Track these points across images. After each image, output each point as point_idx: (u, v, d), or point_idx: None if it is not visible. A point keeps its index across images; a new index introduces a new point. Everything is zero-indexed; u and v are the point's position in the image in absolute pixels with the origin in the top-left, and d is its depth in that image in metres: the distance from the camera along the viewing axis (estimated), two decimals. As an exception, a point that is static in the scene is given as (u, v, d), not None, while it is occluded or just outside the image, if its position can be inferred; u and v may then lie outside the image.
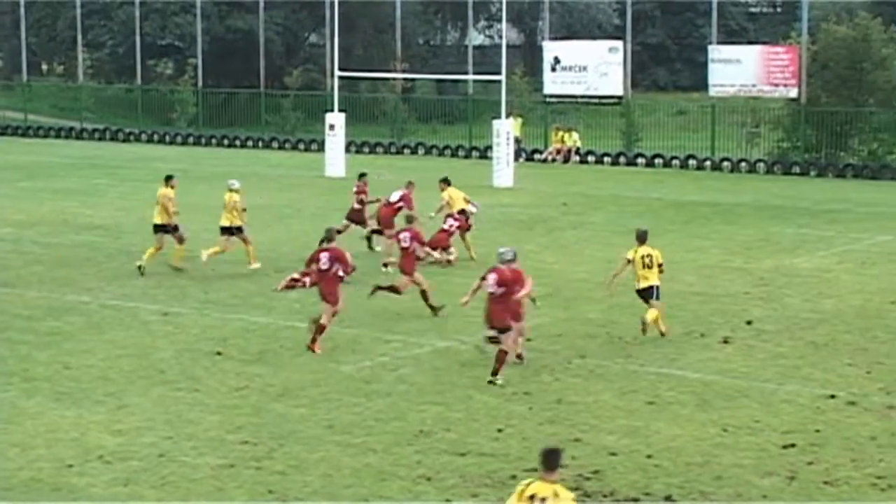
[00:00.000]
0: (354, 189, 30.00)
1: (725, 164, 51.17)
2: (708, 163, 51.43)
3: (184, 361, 19.78)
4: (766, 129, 53.81)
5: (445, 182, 30.17)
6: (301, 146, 59.10)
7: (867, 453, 15.66)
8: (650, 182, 46.08)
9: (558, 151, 53.38)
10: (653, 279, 21.66)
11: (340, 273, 20.82)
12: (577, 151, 53.54)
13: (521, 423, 16.67)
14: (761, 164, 50.62)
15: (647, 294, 21.61)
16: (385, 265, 27.15)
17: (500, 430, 16.36)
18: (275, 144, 59.92)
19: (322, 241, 21.49)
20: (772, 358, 20.30)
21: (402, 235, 23.92)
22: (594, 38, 67.84)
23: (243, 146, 60.43)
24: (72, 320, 22.61)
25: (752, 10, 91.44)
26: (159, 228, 27.50)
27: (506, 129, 44.97)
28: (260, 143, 60.05)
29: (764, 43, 58.94)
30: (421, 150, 56.35)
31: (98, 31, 75.45)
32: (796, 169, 49.65)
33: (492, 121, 46.56)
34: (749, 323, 22.66)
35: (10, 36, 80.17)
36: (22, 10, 71.22)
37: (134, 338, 21.35)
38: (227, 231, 27.58)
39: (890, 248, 31.25)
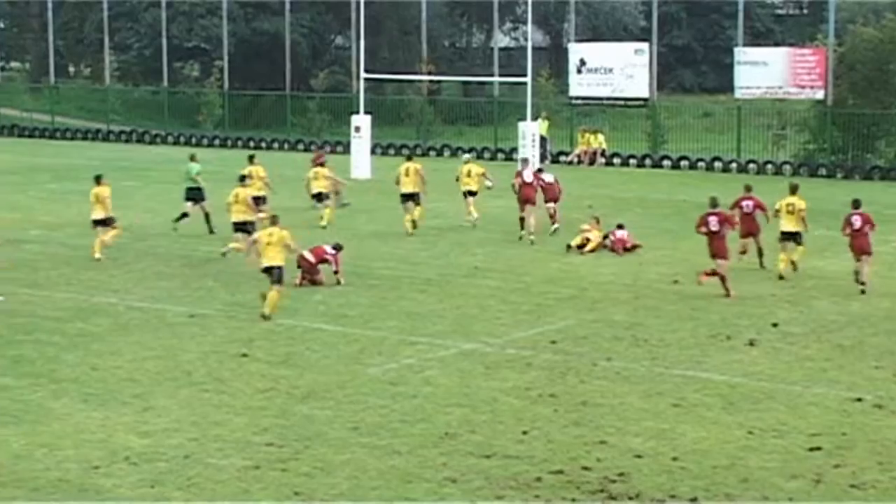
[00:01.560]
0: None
1: (751, 166, 51.00)
2: (734, 165, 51.27)
3: (210, 363, 19.84)
4: (793, 132, 53.63)
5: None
6: (327, 148, 59.12)
7: (894, 456, 15.60)
8: (676, 184, 46.00)
9: (584, 153, 53.33)
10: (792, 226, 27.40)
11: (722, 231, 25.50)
12: (603, 153, 53.47)
13: (547, 426, 16.67)
14: (787, 167, 50.43)
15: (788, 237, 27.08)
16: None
17: (525, 433, 16.36)
18: (301, 146, 59.98)
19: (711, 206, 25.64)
20: (798, 360, 20.25)
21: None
22: (620, 39, 67.72)
23: (269, 148, 60.50)
24: (99, 322, 22.71)
25: (779, 11, 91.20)
26: (98, 223, 29.55)
27: (531, 131, 44.93)
28: (286, 146, 60.11)
29: (790, 45, 58.79)
30: (447, 153, 56.33)
31: (125, 34, 75.70)
32: (823, 171, 49.44)
33: (518, 123, 46.52)
34: (775, 325, 22.61)
35: (37, 39, 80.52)
36: (49, 13, 71.52)
37: (161, 339, 21.43)
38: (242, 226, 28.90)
39: (917, 250, 31.11)
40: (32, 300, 24.47)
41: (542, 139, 50.15)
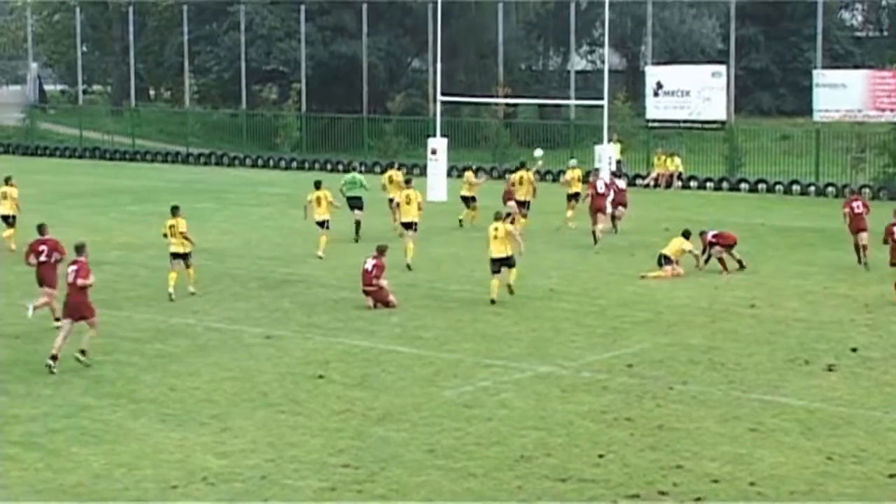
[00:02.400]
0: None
1: (830, 189, 50.58)
2: (812, 188, 50.87)
3: (286, 384, 19.96)
4: (872, 155, 53.07)
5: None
6: (403, 171, 59.29)
7: (975, 484, 15.40)
8: (753, 207, 45.70)
9: (661, 176, 53.13)
10: None
11: None
12: (680, 176, 53.25)
13: (623, 449, 16.61)
14: (867, 190, 49.89)
15: None
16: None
17: (601, 456, 16.32)
18: (377, 169, 60.18)
19: None
20: (878, 385, 20.04)
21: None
22: (697, 62, 67.42)
23: (346, 170, 60.70)
24: (177, 343, 22.92)
25: (858, 34, 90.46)
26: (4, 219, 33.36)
27: (608, 154, 44.85)
28: (363, 168, 60.33)
29: (870, 67, 58.30)
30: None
31: (204, 57, 76.49)
32: (904, 195, 48.95)
33: (594, 146, 46.45)
34: (854, 350, 22.40)
35: (119, 63, 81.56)
36: (131, 38, 72.44)
37: (238, 360, 21.59)
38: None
39: None
40: (112, 321, 24.71)
41: (617, 162, 50.02)
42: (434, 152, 47.74)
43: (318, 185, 33.56)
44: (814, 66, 55.63)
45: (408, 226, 32.31)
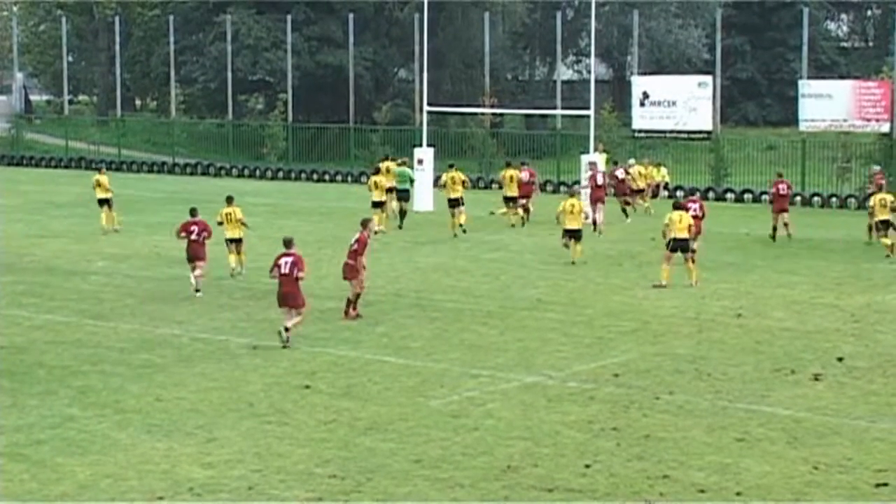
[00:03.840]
0: None
1: (816, 199, 50.73)
2: (798, 198, 50.96)
3: (273, 395, 19.93)
4: (858, 165, 53.24)
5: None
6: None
7: (962, 493, 15.42)
8: (739, 217, 45.77)
9: (647, 186, 53.09)
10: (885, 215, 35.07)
11: None
12: (666, 186, 53.25)
13: (609, 459, 16.61)
14: (852, 200, 50.11)
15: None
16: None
17: (587, 466, 16.31)
18: (364, 179, 60.15)
19: None
20: (864, 395, 20.07)
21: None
22: (683, 72, 67.70)
23: (332, 181, 60.86)
24: (163, 353, 22.87)
25: (844, 44, 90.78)
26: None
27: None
28: (349, 178, 60.41)
29: (855, 77, 58.48)
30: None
31: (190, 67, 76.49)
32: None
33: (580, 156, 46.51)
34: (840, 359, 22.42)
35: (105, 73, 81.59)
36: (117, 48, 72.46)
37: (224, 371, 21.55)
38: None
39: (985, 284, 30.79)
40: (98, 331, 24.69)
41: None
42: (420, 162, 47.74)
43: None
44: (799, 76, 55.82)
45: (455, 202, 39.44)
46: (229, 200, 32.18)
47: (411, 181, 42.28)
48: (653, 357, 22.64)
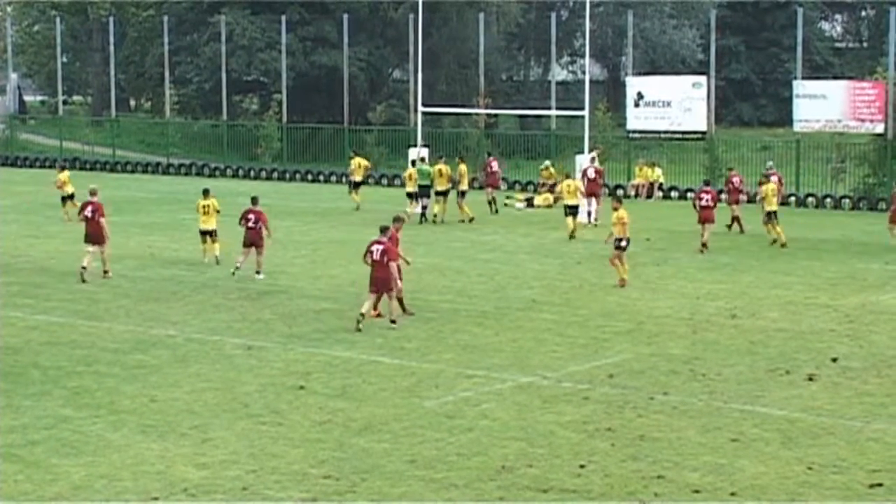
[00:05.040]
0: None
1: (810, 199, 50.76)
2: (793, 198, 51.03)
3: (267, 395, 19.92)
4: (852, 165, 53.29)
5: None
6: (384, 181, 59.41)
7: (956, 493, 15.44)
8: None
9: (641, 186, 53.19)
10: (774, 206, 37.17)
11: None
12: (661, 187, 53.35)
13: (604, 460, 16.62)
14: (847, 200, 50.16)
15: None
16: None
17: (582, 467, 16.32)
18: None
19: None
20: (858, 396, 20.09)
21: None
22: (678, 73, 67.74)
23: (327, 181, 60.86)
24: (158, 353, 22.86)
25: (838, 45, 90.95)
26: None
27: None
28: (344, 179, 60.31)
29: (850, 78, 58.51)
30: (504, 186, 56.37)
31: (185, 68, 76.49)
32: (883, 205, 49.07)
33: (575, 156, 46.54)
34: (835, 360, 22.44)
35: (99, 73, 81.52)
36: (111, 48, 72.39)
37: (218, 371, 21.54)
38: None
39: (979, 285, 30.84)
40: (92, 332, 24.68)
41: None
42: (414, 164, 47.67)
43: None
44: (794, 76, 55.85)
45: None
46: (206, 193, 33.66)
47: (430, 177, 43.58)
48: (647, 357, 22.65)
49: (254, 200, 31.80)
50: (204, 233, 33.31)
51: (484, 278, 31.31)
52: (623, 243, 30.02)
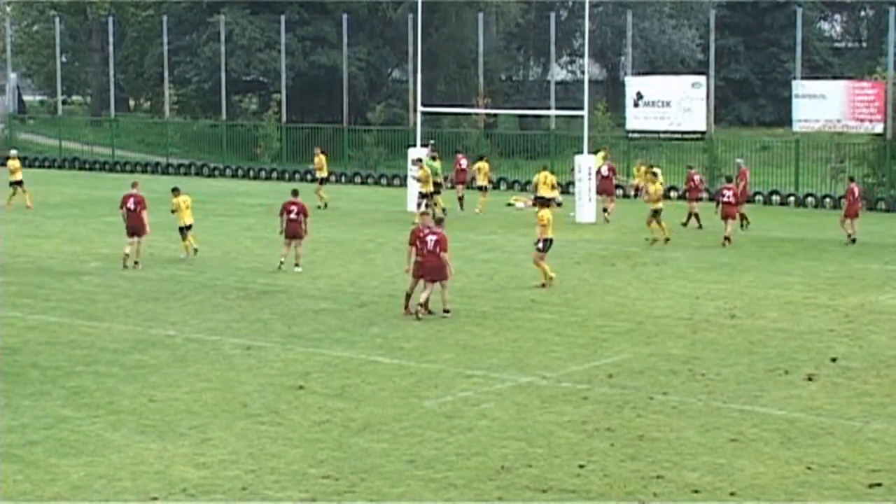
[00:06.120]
0: None
1: (810, 199, 50.75)
2: (792, 198, 51.04)
3: (267, 395, 19.92)
4: (851, 165, 53.23)
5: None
6: (384, 181, 59.42)
7: (955, 493, 15.44)
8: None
9: (640, 187, 53.08)
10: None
11: None
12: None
13: (603, 460, 16.62)
14: (846, 200, 50.09)
15: None
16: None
17: (581, 467, 16.32)
18: (357, 179, 60.29)
19: None
20: (857, 396, 20.09)
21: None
22: (677, 73, 67.69)
23: (326, 181, 60.76)
24: (157, 354, 22.85)
25: (837, 45, 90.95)
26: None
27: (588, 165, 44.93)
28: (343, 178, 60.37)
29: (849, 78, 58.48)
30: (503, 185, 56.41)
31: (184, 68, 76.46)
32: (882, 205, 49.13)
33: (574, 156, 46.55)
34: (834, 360, 22.44)
35: (98, 73, 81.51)
36: (110, 48, 72.35)
37: (218, 371, 21.54)
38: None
39: (978, 284, 30.84)
40: (91, 332, 24.67)
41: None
42: (415, 163, 47.65)
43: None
44: (793, 76, 55.80)
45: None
46: (176, 191, 34.43)
47: (438, 174, 44.50)
48: (647, 357, 22.65)
49: (294, 192, 32.66)
50: (183, 228, 34.02)
51: (483, 278, 31.31)
52: (540, 245, 29.89)
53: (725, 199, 37.57)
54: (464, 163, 48.76)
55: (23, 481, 15.70)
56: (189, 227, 34.11)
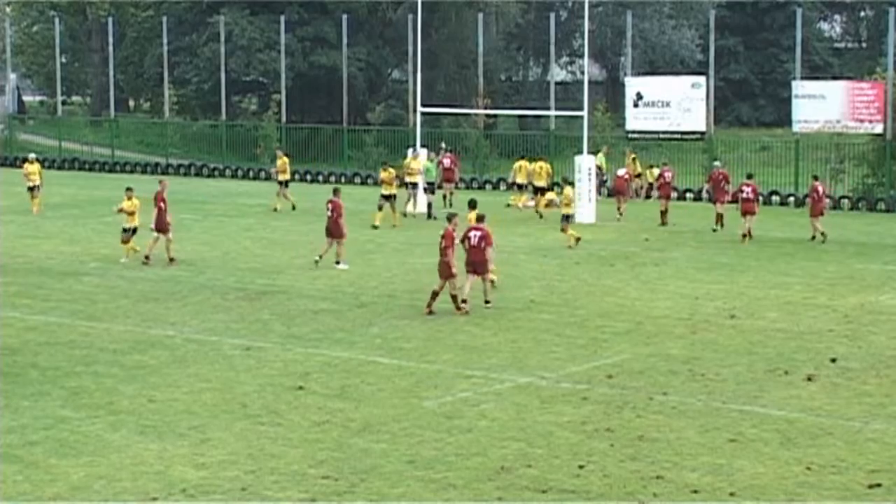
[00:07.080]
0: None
1: (809, 200, 50.69)
2: (791, 199, 51.04)
3: (266, 396, 19.92)
4: (851, 166, 53.29)
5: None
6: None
7: (955, 493, 15.44)
8: (733, 218, 45.72)
9: (640, 187, 53.08)
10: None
11: None
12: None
13: (603, 460, 16.61)
14: (846, 201, 50.16)
15: None
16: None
17: (581, 467, 16.31)
18: (357, 180, 60.27)
19: None
20: (857, 396, 20.09)
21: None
22: (677, 73, 67.71)
23: (326, 181, 60.77)
24: (156, 354, 22.85)
25: (837, 45, 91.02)
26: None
27: (587, 165, 44.93)
28: (343, 179, 60.36)
29: (849, 78, 58.51)
30: (503, 186, 56.39)
31: (184, 69, 76.48)
32: (881, 205, 49.14)
33: (574, 156, 46.55)
34: (833, 360, 22.44)
35: (98, 73, 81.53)
36: (110, 48, 72.35)
37: (217, 372, 21.54)
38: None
39: (978, 285, 30.84)
40: (91, 332, 24.67)
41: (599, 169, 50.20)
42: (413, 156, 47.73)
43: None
44: (793, 77, 55.82)
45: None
46: (130, 190, 34.89)
47: (431, 173, 45.72)
48: (646, 358, 22.65)
49: (335, 191, 33.39)
50: (129, 230, 34.15)
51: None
52: (565, 220, 31.19)
53: (745, 196, 38.33)
54: (447, 162, 48.59)
55: (23, 482, 15.70)
56: (135, 231, 34.04)
